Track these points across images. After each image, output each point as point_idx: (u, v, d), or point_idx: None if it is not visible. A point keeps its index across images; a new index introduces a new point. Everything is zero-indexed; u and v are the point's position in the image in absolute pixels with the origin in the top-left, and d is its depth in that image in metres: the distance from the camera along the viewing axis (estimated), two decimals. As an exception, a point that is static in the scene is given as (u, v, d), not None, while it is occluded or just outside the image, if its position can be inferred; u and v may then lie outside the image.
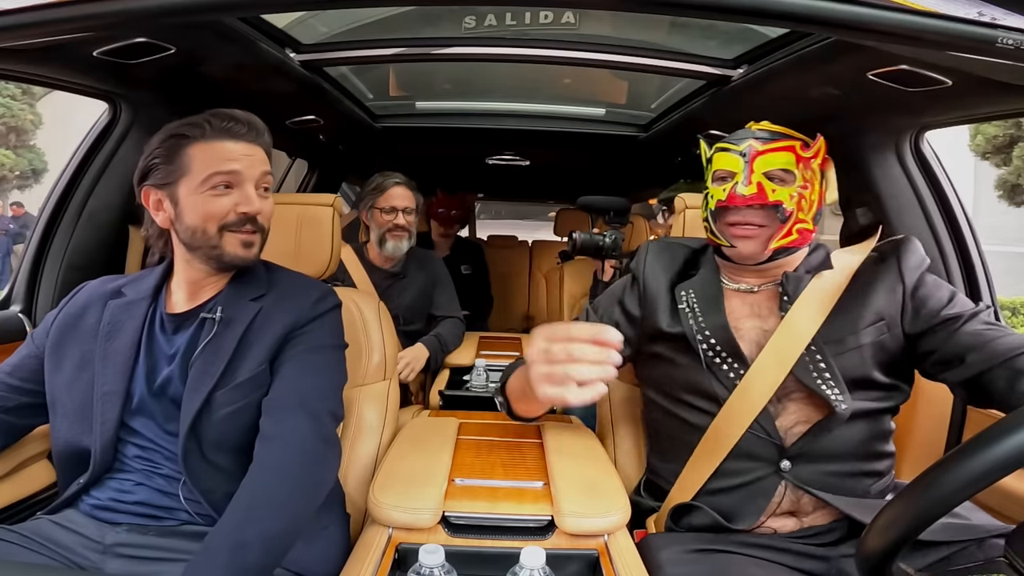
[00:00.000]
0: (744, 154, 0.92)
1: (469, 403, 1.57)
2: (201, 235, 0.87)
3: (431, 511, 0.82)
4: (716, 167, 0.96)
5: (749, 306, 0.97)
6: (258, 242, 0.91)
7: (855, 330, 0.90)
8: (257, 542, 0.68)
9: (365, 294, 1.36)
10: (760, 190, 0.90)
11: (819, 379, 0.88)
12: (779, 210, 0.91)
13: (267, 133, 0.93)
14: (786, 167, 0.91)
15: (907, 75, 0.99)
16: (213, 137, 0.86)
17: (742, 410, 0.90)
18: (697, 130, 1.84)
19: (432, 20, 1.50)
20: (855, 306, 0.91)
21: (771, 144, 0.92)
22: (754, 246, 0.93)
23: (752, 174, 0.90)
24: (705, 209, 0.98)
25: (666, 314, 1.00)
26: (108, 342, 0.88)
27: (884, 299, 0.90)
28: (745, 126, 1.00)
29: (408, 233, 1.85)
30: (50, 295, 1.26)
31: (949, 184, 1.36)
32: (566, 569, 0.79)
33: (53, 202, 1.28)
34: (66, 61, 1.05)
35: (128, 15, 0.63)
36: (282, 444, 0.79)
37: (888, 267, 0.92)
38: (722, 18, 0.64)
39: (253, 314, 0.89)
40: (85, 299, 0.93)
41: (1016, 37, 0.57)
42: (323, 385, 0.88)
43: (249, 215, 0.88)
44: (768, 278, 0.99)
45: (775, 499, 0.89)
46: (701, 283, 1.00)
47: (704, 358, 0.94)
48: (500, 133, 2.25)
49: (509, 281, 3.39)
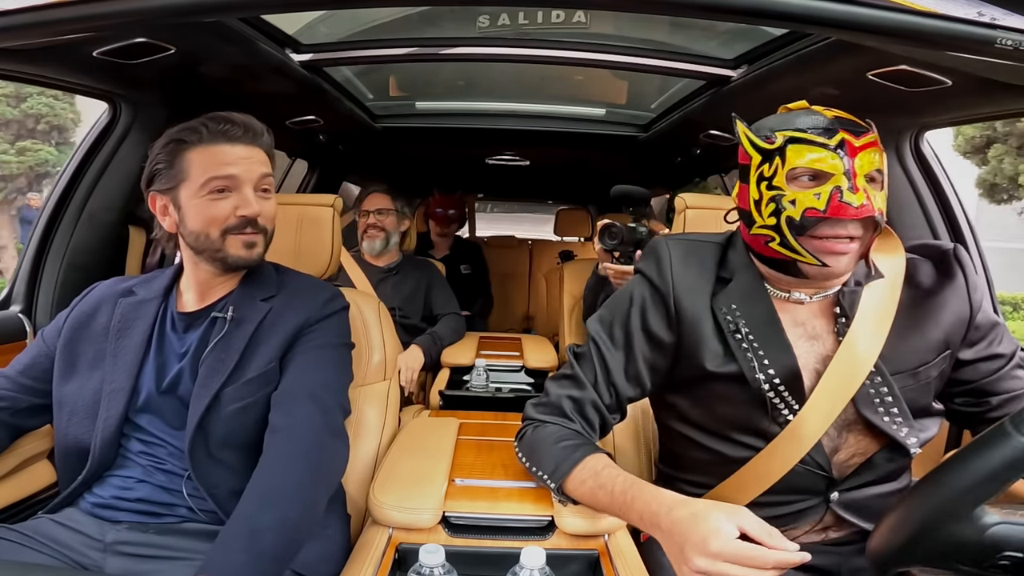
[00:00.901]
0: (841, 148, 0.73)
1: (469, 403, 1.57)
2: (204, 239, 0.88)
3: (431, 511, 0.82)
4: (798, 164, 0.74)
5: (802, 326, 0.82)
6: (261, 243, 0.92)
7: (927, 359, 0.79)
8: (272, 528, 0.70)
9: (365, 294, 1.36)
10: (868, 199, 0.72)
11: (886, 414, 0.77)
12: (879, 218, 0.74)
13: (267, 134, 0.93)
14: (879, 168, 0.75)
15: (907, 75, 0.99)
16: (210, 141, 0.87)
17: (793, 448, 0.79)
18: (697, 130, 1.84)
19: (434, 20, 1.50)
20: (922, 324, 0.79)
21: (864, 138, 0.74)
22: (848, 263, 0.76)
23: (856, 178, 0.72)
24: (774, 215, 0.75)
25: (713, 349, 0.81)
26: (118, 339, 0.89)
27: (952, 322, 0.80)
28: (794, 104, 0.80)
29: (383, 232, 2.00)
30: (50, 295, 1.26)
31: (949, 184, 1.36)
32: (566, 569, 0.79)
33: (53, 202, 1.28)
34: (66, 61, 1.05)
35: (128, 15, 0.63)
36: (292, 434, 0.80)
37: (954, 283, 0.80)
38: (722, 18, 0.64)
39: (264, 313, 0.90)
40: (97, 298, 0.94)
41: (1015, 37, 0.57)
42: (332, 379, 0.90)
43: (248, 217, 0.88)
44: (823, 287, 0.81)
45: (812, 523, 0.83)
46: (745, 295, 0.82)
47: (767, 400, 0.79)
48: (500, 133, 2.25)
49: (509, 281, 3.39)
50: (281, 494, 0.73)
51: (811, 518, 0.83)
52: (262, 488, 0.74)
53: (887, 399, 0.77)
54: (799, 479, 0.80)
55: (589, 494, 0.77)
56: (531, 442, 0.86)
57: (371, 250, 2.01)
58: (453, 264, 2.67)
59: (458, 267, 2.76)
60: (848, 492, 0.81)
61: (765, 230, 0.77)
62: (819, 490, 0.81)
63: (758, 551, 0.61)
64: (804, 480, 0.80)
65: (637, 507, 0.72)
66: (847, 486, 0.81)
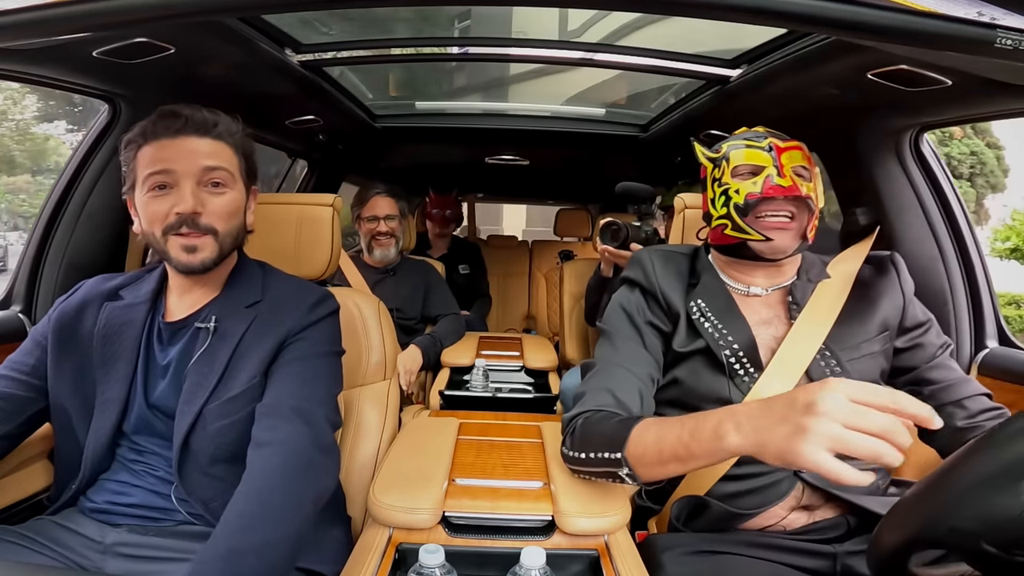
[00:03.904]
0: (770, 149, 0.93)
1: (469, 403, 1.57)
2: (153, 239, 0.84)
3: (431, 511, 0.82)
4: (739, 162, 0.94)
5: (758, 314, 0.97)
6: (208, 246, 0.83)
7: (868, 337, 0.93)
8: (253, 550, 0.65)
9: (365, 294, 1.36)
10: (794, 183, 0.91)
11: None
12: (810, 203, 0.93)
13: (222, 124, 0.86)
14: (804, 164, 0.94)
15: (907, 75, 0.99)
16: (153, 137, 0.82)
17: None
18: (697, 130, 1.84)
19: (433, 19, 1.50)
20: (863, 313, 0.94)
21: (789, 142, 0.95)
22: (789, 238, 0.94)
23: (783, 167, 0.92)
24: (724, 206, 0.95)
25: (683, 334, 0.96)
26: (105, 346, 0.86)
27: (888, 309, 0.95)
28: (738, 130, 1.02)
29: (394, 239, 1.96)
30: (50, 295, 1.26)
31: (949, 184, 1.36)
32: (566, 569, 0.79)
33: (53, 202, 1.28)
34: (66, 61, 1.04)
35: (128, 15, 0.63)
36: (277, 450, 0.75)
37: (889, 279, 0.97)
38: (722, 18, 0.64)
39: (247, 323, 0.86)
40: (82, 298, 0.90)
41: (1015, 37, 0.57)
42: (319, 392, 0.85)
43: (183, 215, 0.81)
44: (779, 279, 0.99)
45: (790, 499, 0.89)
46: (709, 292, 0.98)
47: (728, 368, 0.92)
48: (500, 133, 2.25)
49: (509, 281, 3.39)
50: (265, 515, 0.68)
51: (784, 490, 0.89)
52: (244, 508, 0.69)
53: (837, 371, 0.90)
54: None
55: (654, 443, 0.75)
56: (581, 434, 0.86)
57: (384, 257, 1.96)
58: (452, 264, 2.67)
59: (457, 267, 2.76)
60: None
61: (720, 220, 0.96)
62: None
63: (902, 394, 0.57)
64: None
65: (710, 422, 0.69)
66: None
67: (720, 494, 0.91)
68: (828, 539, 0.88)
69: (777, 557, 0.85)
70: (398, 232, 1.96)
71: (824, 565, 0.85)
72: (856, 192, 1.44)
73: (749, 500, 0.90)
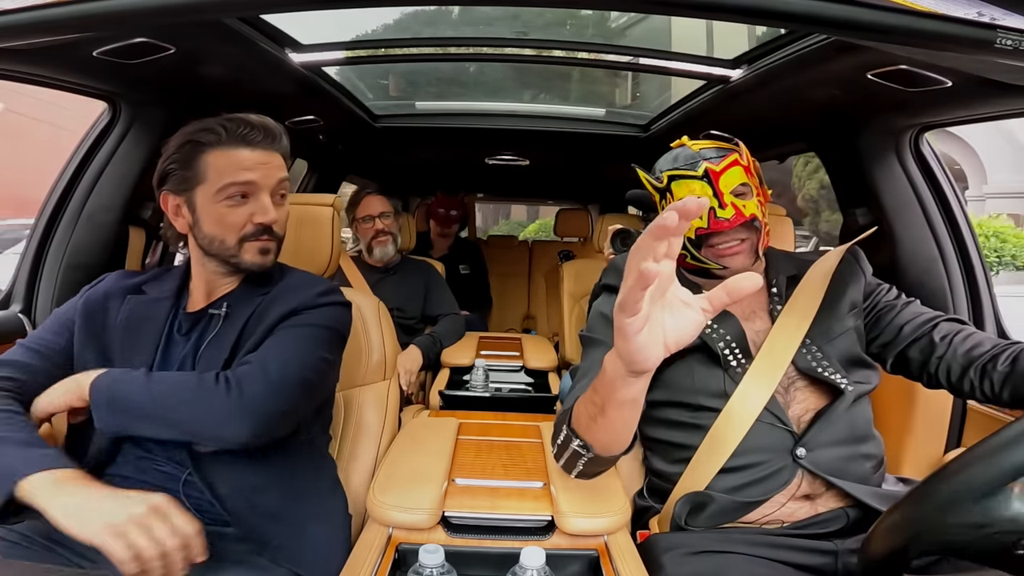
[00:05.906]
0: (706, 177, 0.94)
1: (469, 403, 1.57)
2: (219, 244, 0.88)
3: (431, 511, 0.82)
4: (681, 196, 0.95)
5: (741, 308, 0.99)
6: (275, 248, 0.92)
7: (840, 317, 0.97)
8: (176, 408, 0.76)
9: (365, 294, 1.36)
10: (737, 210, 0.93)
11: (818, 366, 0.93)
12: (756, 222, 0.96)
13: (284, 137, 0.92)
14: (743, 181, 0.95)
15: (907, 75, 0.99)
16: (228, 144, 0.86)
17: (751, 400, 0.91)
18: (697, 130, 1.83)
19: (433, 20, 1.50)
20: (834, 298, 0.98)
21: (723, 161, 0.95)
22: (744, 259, 0.97)
23: (723, 195, 0.93)
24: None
25: None
26: (125, 338, 0.87)
27: (853, 288, 1.00)
28: (673, 144, 1.02)
29: (391, 236, 1.98)
30: (49, 295, 1.26)
31: (949, 184, 1.36)
32: (566, 569, 0.79)
33: (52, 202, 1.28)
34: (66, 61, 1.05)
35: (128, 15, 0.63)
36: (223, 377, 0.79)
37: (852, 268, 1.03)
38: (722, 18, 0.64)
39: (255, 306, 0.90)
40: (105, 290, 0.93)
41: (1015, 37, 0.57)
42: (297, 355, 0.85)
43: (265, 225, 0.88)
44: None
45: (792, 487, 0.90)
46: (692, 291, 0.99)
47: (723, 359, 0.94)
48: (500, 133, 2.25)
49: (509, 281, 3.39)
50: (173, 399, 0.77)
51: (786, 478, 0.89)
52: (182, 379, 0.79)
53: (819, 356, 0.94)
54: (763, 436, 0.90)
55: (583, 403, 0.78)
56: (555, 431, 0.87)
57: (384, 255, 1.98)
58: (452, 264, 2.68)
59: (457, 267, 2.76)
60: (813, 451, 0.89)
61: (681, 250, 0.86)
62: (785, 447, 0.90)
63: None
64: (769, 437, 0.90)
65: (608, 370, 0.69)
66: (810, 443, 0.89)
67: (721, 488, 0.91)
68: (829, 533, 0.88)
69: (779, 556, 0.85)
70: (394, 229, 1.99)
71: (826, 563, 0.85)
72: (856, 192, 1.44)
73: (751, 491, 0.90)
